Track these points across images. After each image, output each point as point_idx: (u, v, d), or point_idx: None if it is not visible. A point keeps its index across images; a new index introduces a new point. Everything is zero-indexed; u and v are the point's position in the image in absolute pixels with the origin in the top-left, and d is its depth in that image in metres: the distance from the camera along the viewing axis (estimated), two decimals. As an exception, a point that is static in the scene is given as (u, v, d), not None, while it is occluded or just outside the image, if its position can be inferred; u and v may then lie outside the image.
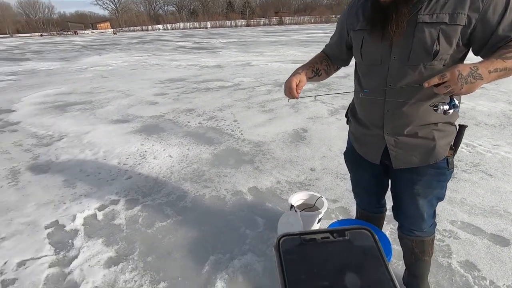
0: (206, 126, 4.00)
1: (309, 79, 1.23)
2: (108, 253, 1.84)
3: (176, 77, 7.67)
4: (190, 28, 56.71)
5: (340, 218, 2.09)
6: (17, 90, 6.83)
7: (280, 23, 59.65)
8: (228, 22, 60.17)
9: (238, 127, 3.89)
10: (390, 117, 1.10)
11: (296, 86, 1.13)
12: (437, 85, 0.87)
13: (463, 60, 1.01)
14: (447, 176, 1.16)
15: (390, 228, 1.95)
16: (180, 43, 20.57)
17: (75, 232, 2.05)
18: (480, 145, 3.08)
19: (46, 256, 1.83)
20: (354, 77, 1.23)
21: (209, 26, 58.06)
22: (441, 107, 0.91)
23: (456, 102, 0.91)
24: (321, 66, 1.27)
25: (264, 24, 59.14)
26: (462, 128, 1.12)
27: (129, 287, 1.60)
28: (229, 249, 1.83)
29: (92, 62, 11.73)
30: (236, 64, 9.55)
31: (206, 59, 11.16)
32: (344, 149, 1.48)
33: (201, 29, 50.99)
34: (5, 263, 1.79)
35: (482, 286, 1.51)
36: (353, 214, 2.12)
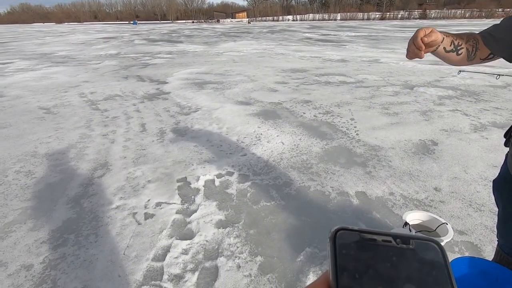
0: (321, 120, 3.95)
1: (446, 52, 0.96)
2: (219, 215, 2.11)
3: (298, 67, 7.82)
4: (318, 20, 56.29)
5: (466, 254, 1.74)
6: (171, 66, 8.40)
7: (423, 17, 52.09)
8: (359, 15, 56.64)
9: (355, 126, 3.69)
10: None
11: (424, 38, 0.86)
12: None
13: None
14: None
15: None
16: (306, 34, 20.74)
17: (197, 190, 2.42)
18: None
19: (175, 203, 2.25)
20: None
21: (338, 18, 56.15)
22: None
23: None
24: (465, 44, 0.97)
25: (402, 18, 52.89)
26: None
27: (231, 250, 1.80)
28: (325, 247, 1.80)
29: (228, 47, 13.20)
30: (362, 59, 8.97)
31: (330, 52, 10.91)
32: (488, 173, 1.21)
33: (329, 21, 49.89)
34: (149, 200, 2.29)
35: None
36: (485, 254, 1.74)
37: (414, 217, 1.77)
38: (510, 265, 1.25)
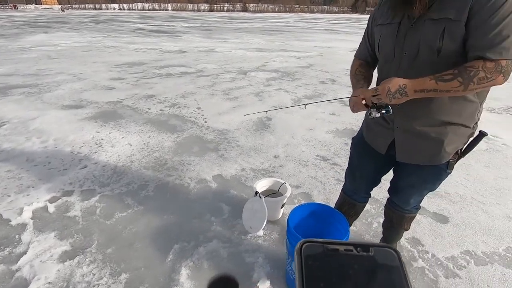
0: (168, 113, 3.86)
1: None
2: (62, 247, 1.73)
3: (135, 61, 7.24)
4: (148, 10, 53.51)
5: (303, 202, 2.17)
6: None
7: (244, 9, 58.88)
8: (190, 6, 57.77)
9: (202, 115, 3.82)
10: (401, 113, 1.10)
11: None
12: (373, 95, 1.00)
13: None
14: (443, 176, 1.21)
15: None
16: (138, 25, 19.36)
17: (23, 226, 1.88)
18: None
19: (-12, 253, 1.67)
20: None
21: (169, 8, 55.27)
22: (374, 113, 1.04)
23: (390, 108, 1.02)
24: (370, 76, 1.25)
25: (228, 10, 57.89)
26: (480, 135, 1.11)
27: (87, 281, 1.53)
28: (194, 237, 1.82)
29: (37, 41, 10.58)
30: (199, 50, 9.26)
31: (167, 43, 10.66)
32: (308, 136, 1.52)
33: (161, 11, 48.41)
34: None
35: (425, 259, 1.69)
36: (314, 198, 2.23)
37: (262, 184, 2.04)
38: (351, 204, 1.59)
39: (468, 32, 0.89)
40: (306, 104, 1.39)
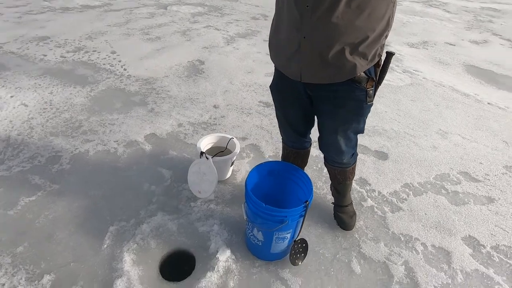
0: (73, 60, 3.08)
1: None
2: None
3: (10, -11, 5.48)
4: None
5: (251, 156, 2.02)
6: None
7: None
8: None
9: (119, 61, 3.15)
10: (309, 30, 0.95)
11: None
12: None
13: None
14: (365, 110, 1.11)
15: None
16: None
17: None
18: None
19: None
20: None
21: None
22: None
23: None
24: None
25: None
26: (389, 56, 1.02)
27: (-6, 293, 1.18)
28: (133, 213, 1.54)
29: None
30: (101, -24, 7.48)
31: (55, -35, 8.31)
32: (247, 80, 1.27)
33: None
34: None
35: (373, 197, 1.77)
36: (263, 150, 2.09)
37: (206, 142, 1.79)
38: (295, 153, 1.50)
39: None
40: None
